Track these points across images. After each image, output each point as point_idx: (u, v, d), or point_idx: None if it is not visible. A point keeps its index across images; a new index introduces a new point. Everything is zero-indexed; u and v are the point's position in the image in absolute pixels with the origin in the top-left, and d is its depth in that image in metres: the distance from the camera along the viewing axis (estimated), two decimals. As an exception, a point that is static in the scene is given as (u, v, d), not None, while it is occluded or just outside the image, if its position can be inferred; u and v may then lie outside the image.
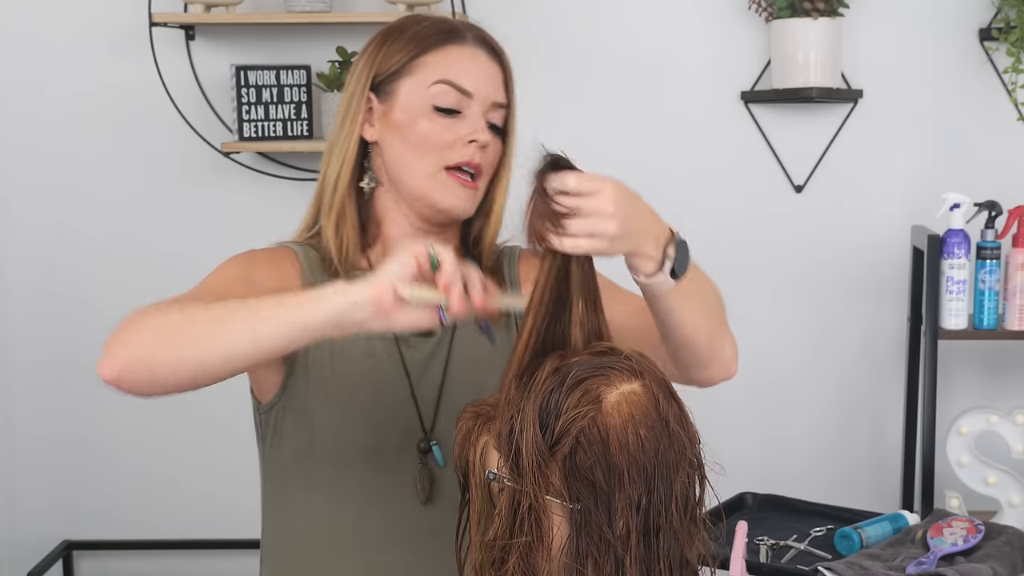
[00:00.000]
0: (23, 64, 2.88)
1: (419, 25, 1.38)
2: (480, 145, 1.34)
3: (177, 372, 1.16)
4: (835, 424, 2.94)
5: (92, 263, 2.93)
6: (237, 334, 1.14)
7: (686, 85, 2.85)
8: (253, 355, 1.14)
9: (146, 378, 1.16)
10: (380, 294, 1.10)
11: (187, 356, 1.15)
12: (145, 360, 1.16)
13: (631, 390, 1.04)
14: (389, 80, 1.37)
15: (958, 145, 2.82)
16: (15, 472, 3.01)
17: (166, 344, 1.16)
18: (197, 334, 1.15)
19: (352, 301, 1.11)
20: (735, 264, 2.90)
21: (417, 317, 1.12)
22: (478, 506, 1.08)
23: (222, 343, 1.14)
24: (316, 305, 1.12)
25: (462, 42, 1.37)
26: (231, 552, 3.01)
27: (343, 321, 1.12)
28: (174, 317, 1.17)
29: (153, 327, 1.17)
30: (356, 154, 1.39)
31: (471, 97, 1.35)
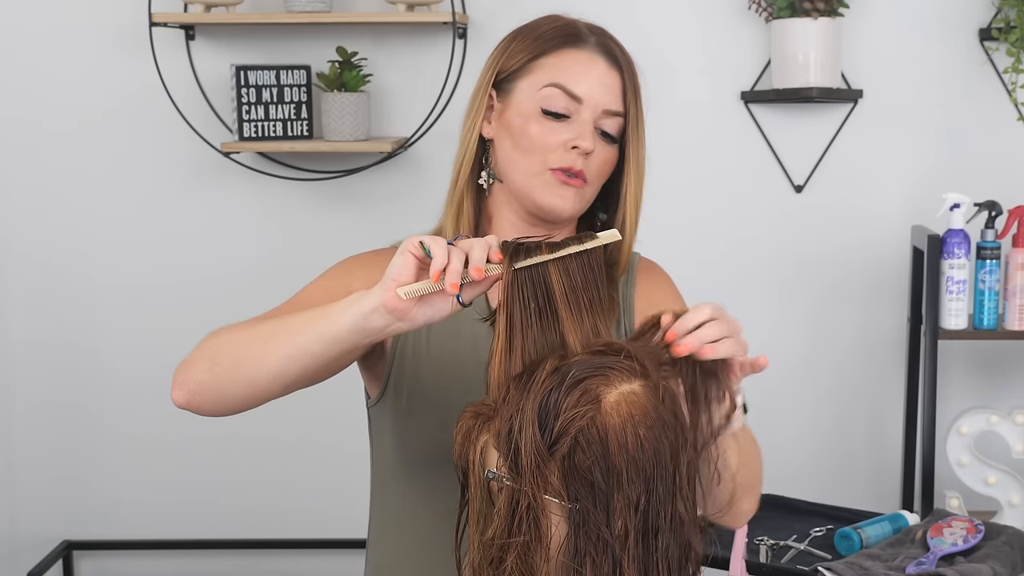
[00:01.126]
0: (23, 64, 2.88)
1: (547, 26, 1.39)
2: (582, 152, 1.33)
3: (237, 393, 1.21)
4: (835, 424, 2.94)
5: (92, 263, 2.93)
6: (278, 350, 1.18)
7: (686, 85, 2.85)
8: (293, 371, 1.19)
9: (214, 400, 1.23)
10: (387, 299, 1.11)
11: (242, 377, 1.20)
12: (209, 385, 1.22)
13: (631, 390, 1.04)
14: (509, 79, 1.38)
15: (958, 145, 2.82)
16: (15, 472, 3.01)
17: (224, 368, 1.21)
18: (248, 354, 1.20)
19: (367, 310, 1.12)
20: (735, 264, 2.90)
21: (436, 309, 1.13)
22: (477, 505, 1.08)
23: (267, 362, 1.18)
24: (338, 316, 1.15)
25: (581, 47, 1.37)
26: (231, 552, 3.01)
27: (365, 329, 1.14)
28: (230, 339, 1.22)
29: (214, 351, 1.23)
30: (476, 150, 1.40)
31: (581, 103, 1.34)
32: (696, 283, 2.85)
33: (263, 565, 3.03)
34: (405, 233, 1.26)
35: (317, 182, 2.90)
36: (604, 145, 1.36)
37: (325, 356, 1.17)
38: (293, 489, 2.99)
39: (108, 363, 2.96)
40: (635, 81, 1.40)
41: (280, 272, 2.83)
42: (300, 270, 1.50)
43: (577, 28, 1.39)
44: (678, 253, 2.87)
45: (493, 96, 1.39)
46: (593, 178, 1.36)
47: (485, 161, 1.41)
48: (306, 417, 2.93)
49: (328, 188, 2.90)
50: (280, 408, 3.01)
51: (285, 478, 2.98)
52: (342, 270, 1.40)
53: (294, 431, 2.98)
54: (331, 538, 2.96)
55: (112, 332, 2.96)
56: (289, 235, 2.91)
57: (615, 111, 1.37)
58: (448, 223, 1.42)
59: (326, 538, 2.97)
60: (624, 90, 1.38)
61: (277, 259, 2.89)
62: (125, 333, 2.95)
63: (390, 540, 1.45)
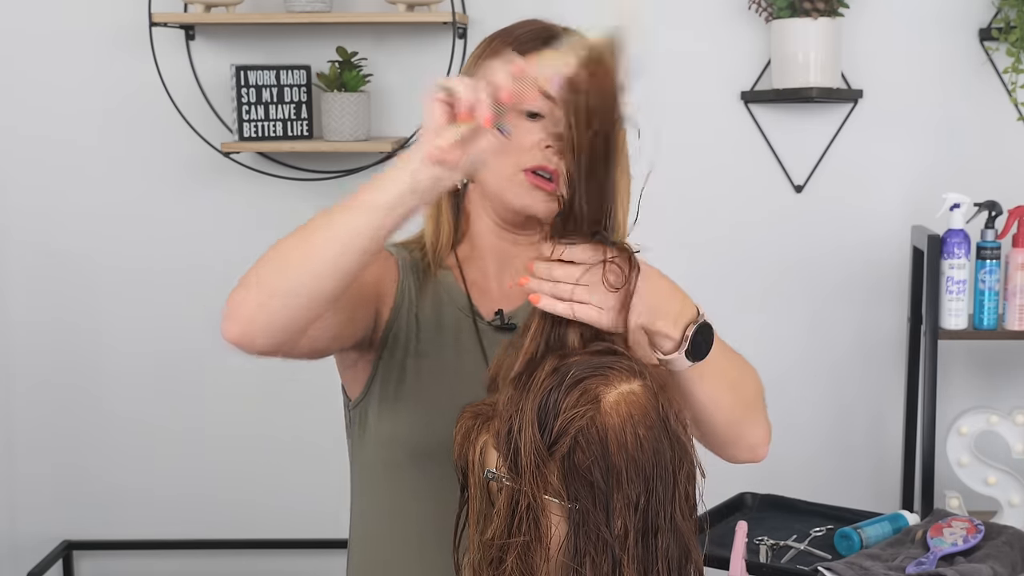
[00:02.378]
0: (23, 64, 2.88)
1: (523, 29, 1.39)
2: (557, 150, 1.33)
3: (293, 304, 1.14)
4: (835, 424, 2.94)
5: (92, 263, 2.93)
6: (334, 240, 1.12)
7: (686, 85, 2.84)
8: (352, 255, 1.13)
9: (266, 325, 1.15)
10: (430, 151, 1.08)
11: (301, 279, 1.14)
12: (262, 307, 1.15)
13: (630, 390, 1.04)
14: None
15: (958, 145, 2.82)
16: (15, 472, 3.01)
17: (273, 283, 1.15)
18: (300, 255, 1.14)
19: (414, 167, 1.09)
20: (735, 264, 2.90)
21: (478, 147, 1.10)
22: (477, 505, 1.08)
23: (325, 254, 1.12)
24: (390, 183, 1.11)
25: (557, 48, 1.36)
26: (232, 552, 3.01)
27: (416, 188, 1.10)
28: (269, 257, 1.17)
29: (255, 275, 1.16)
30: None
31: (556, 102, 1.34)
32: (696, 283, 2.86)
33: (264, 565, 3.03)
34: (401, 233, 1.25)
35: (317, 182, 2.90)
36: None
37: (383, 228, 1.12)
38: (294, 489, 2.99)
39: (109, 362, 2.96)
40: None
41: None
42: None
43: (553, 31, 1.40)
44: (677, 252, 2.88)
45: None
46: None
47: None
48: (309, 418, 2.93)
49: (328, 188, 2.90)
50: (283, 408, 3.02)
51: (286, 478, 2.98)
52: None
53: (296, 431, 2.98)
54: (333, 538, 2.96)
55: (115, 333, 2.96)
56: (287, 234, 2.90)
57: None
58: (428, 226, 1.43)
59: (328, 538, 2.97)
60: None
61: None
62: (126, 334, 2.95)
63: (374, 540, 1.44)
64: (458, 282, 1.42)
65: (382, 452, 1.41)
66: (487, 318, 1.40)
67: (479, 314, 1.40)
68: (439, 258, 1.41)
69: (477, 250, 1.43)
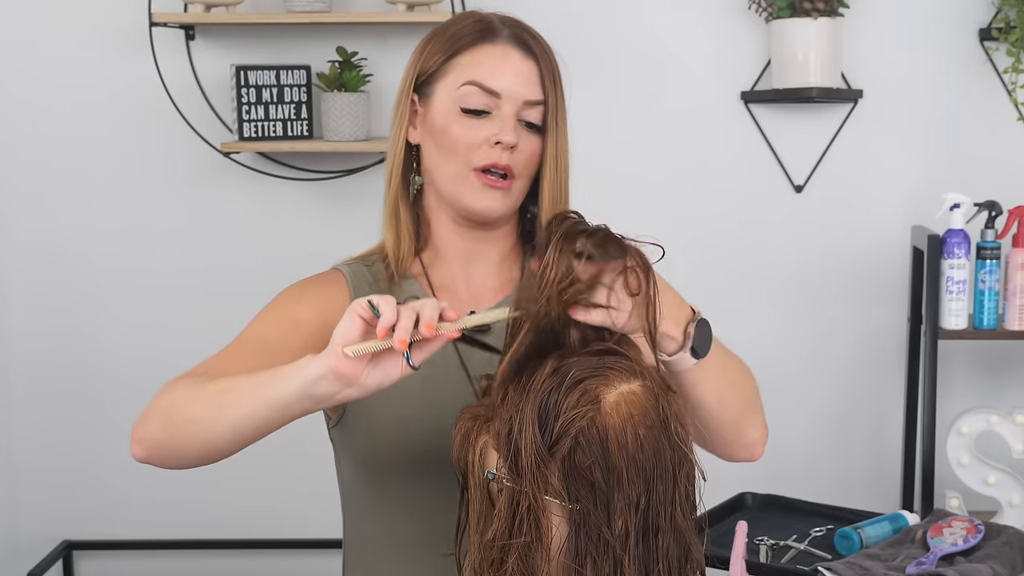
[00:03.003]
0: (23, 64, 2.88)
1: (460, 24, 1.37)
2: (506, 146, 1.31)
3: (192, 452, 1.20)
4: (835, 424, 2.94)
5: (92, 263, 2.93)
6: (229, 414, 1.16)
7: (686, 85, 2.85)
8: (246, 433, 1.17)
9: (172, 457, 1.22)
10: (334, 364, 1.08)
11: (196, 438, 1.19)
12: (165, 443, 1.21)
13: (630, 390, 1.04)
14: (428, 82, 1.36)
15: (958, 145, 2.82)
16: (15, 472, 3.01)
17: (178, 427, 1.20)
18: (200, 416, 1.18)
19: (314, 377, 1.10)
20: (735, 264, 2.90)
21: (385, 373, 1.11)
22: (477, 506, 1.08)
23: (220, 425, 1.17)
24: (285, 383, 1.12)
25: (494, 41, 1.35)
26: (232, 552, 3.01)
27: (313, 395, 1.11)
28: (183, 398, 1.20)
29: (167, 410, 1.21)
30: (403, 156, 1.38)
31: (500, 97, 1.32)
32: (696, 283, 2.86)
33: (263, 565, 3.03)
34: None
35: (317, 182, 2.90)
36: (529, 135, 1.34)
37: (277, 421, 1.15)
38: (294, 490, 2.99)
39: (108, 363, 2.96)
40: (552, 68, 1.36)
41: (280, 272, 2.82)
42: (300, 270, 1.49)
43: (490, 22, 1.37)
44: (677, 252, 2.87)
45: (416, 101, 1.37)
46: (521, 171, 1.34)
47: (416, 167, 1.39)
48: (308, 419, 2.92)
49: (328, 188, 2.90)
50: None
51: (286, 479, 2.98)
52: (287, 299, 1.37)
53: (296, 432, 2.97)
54: (333, 538, 2.96)
55: (115, 333, 2.95)
56: (289, 235, 2.90)
57: (535, 100, 1.34)
58: (387, 232, 1.40)
59: (327, 538, 2.97)
60: (541, 77, 1.35)
61: (277, 259, 2.89)
62: (127, 334, 2.95)
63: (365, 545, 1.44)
64: (425, 289, 1.39)
65: (364, 464, 1.40)
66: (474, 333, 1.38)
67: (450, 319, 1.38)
68: (403, 267, 1.39)
69: (441, 253, 1.40)
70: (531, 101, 1.34)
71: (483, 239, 1.39)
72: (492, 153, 1.32)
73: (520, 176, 1.34)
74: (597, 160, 2.82)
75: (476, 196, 1.33)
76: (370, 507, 1.42)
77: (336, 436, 1.44)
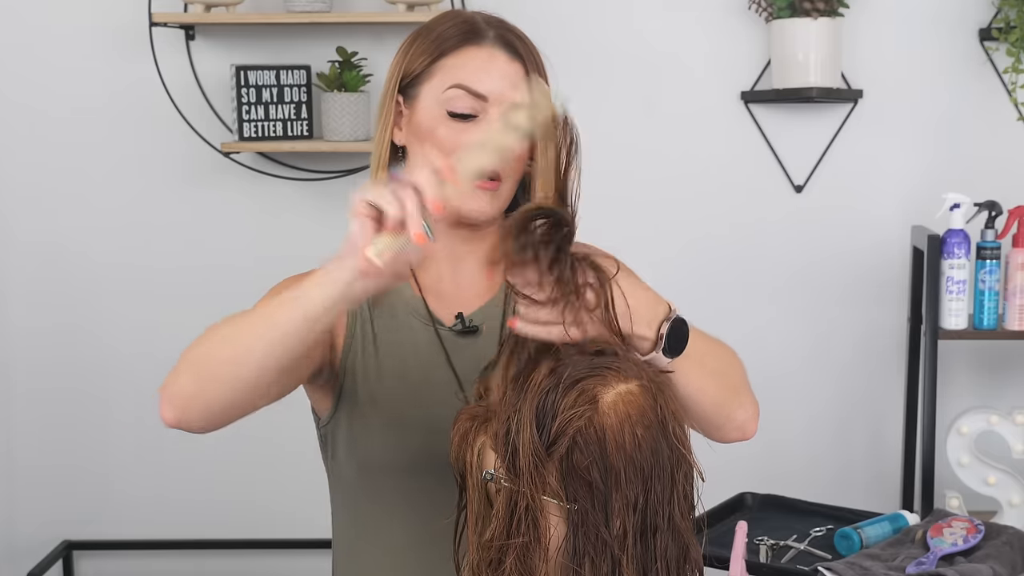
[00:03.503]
0: (23, 64, 2.88)
1: (445, 25, 1.36)
2: None
3: (226, 397, 1.17)
4: (835, 424, 2.94)
5: (91, 263, 2.93)
6: (261, 339, 1.14)
7: (686, 85, 2.85)
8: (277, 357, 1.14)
9: (203, 412, 1.18)
10: (363, 267, 1.07)
11: (228, 376, 1.16)
12: (197, 395, 1.17)
13: (627, 390, 1.04)
14: (413, 84, 1.35)
15: (958, 145, 2.82)
16: (15, 472, 3.01)
17: (208, 370, 1.17)
18: (230, 350, 1.16)
19: (348, 278, 1.09)
20: (735, 264, 2.90)
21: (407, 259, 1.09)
22: (475, 507, 1.08)
23: (251, 354, 1.14)
24: (318, 292, 1.11)
25: (480, 43, 1.33)
26: (231, 552, 3.01)
27: (347, 297, 1.10)
28: (210, 341, 1.19)
29: (193, 361, 1.19)
30: (388, 158, 1.37)
31: (486, 100, 1.31)
32: (694, 282, 2.87)
33: (263, 565, 3.03)
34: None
35: (317, 182, 2.90)
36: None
37: (310, 333, 1.13)
38: (294, 490, 2.98)
39: (108, 363, 2.96)
40: (539, 70, 1.36)
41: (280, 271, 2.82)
42: (299, 270, 1.49)
43: (474, 24, 1.35)
44: (677, 252, 2.88)
45: (400, 102, 1.37)
46: (509, 173, 1.34)
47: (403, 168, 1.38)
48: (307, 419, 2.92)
49: (328, 188, 2.90)
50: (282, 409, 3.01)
51: (285, 479, 2.98)
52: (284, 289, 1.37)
53: (295, 432, 2.97)
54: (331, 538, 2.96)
55: (115, 330, 2.96)
56: (289, 235, 2.90)
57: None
58: None
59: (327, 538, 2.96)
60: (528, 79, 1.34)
61: (277, 258, 2.88)
62: (127, 331, 2.95)
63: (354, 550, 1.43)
64: (414, 290, 1.38)
65: (356, 468, 1.40)
66: (447, 323, 1.37)
67: (439, 321, 1.37)
68: None
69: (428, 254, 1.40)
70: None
71: (471, 239, 1.38)
72: None
73: (508, 178, 1.34)
74: (596, 161, 2.78)
75: (466, 199, 1.32)
76: (359, 512, 1.42)
77: (325, 435, 1.43)
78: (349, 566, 1.46)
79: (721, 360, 1.31)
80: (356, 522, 1.43)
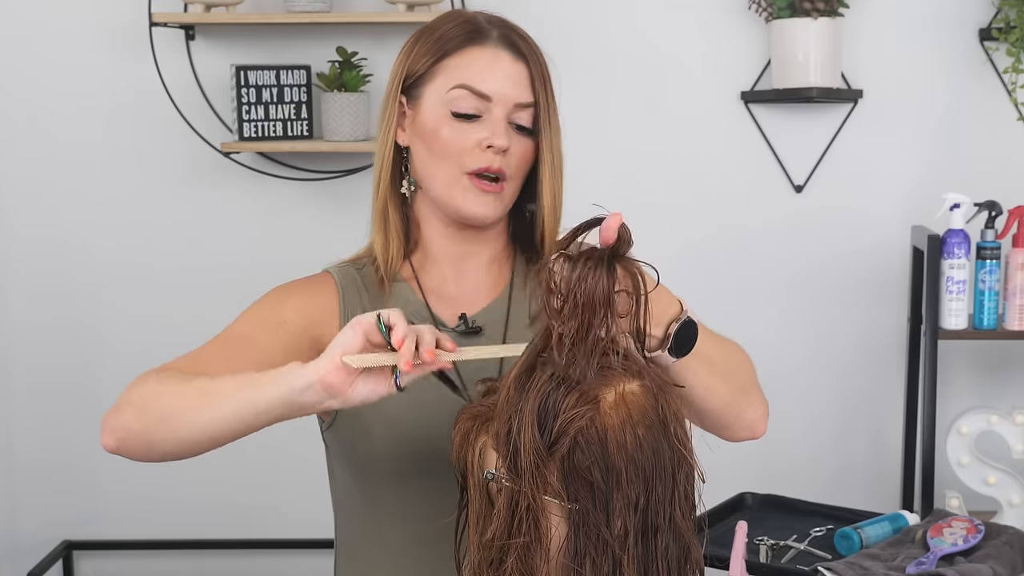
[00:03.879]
0: (23, 64, 2.88)
1: (448, 25, 1.36)
2: (498, 149, 1.31)
3: (166, 446, 1.21)
4: (835, 424, 2.94)
5: (91, 263, 2.93)
6: (206, 413, 1.17)
7: (686, 85, 2.85)
8: (221, 433, 1.17)
9: (143, 449, 1.22)
10: (327, 375, 1.10)
11: (170, 433, 1.19)
12: (138, 433, 1.21)
13: (629, 390, 1.04)
14: (416, 84, 1.35)
15: (958, 145, 2.82)
16: (15, 472, 3.01)
17: (152, 419, 1.20)
18: (176, 412, 1.19)
19: (303, 384, 1.11)
20: (735, 264, 2.90)
21: (371, 388, 1.12)
22: (476, 506, 1.08)
23: (196, 423, 1.17)
24: (270, 386, 1.13)
25: (484, 43, 1.33)
26: (232, 552, 3.01)
27: (295, 402, 1.12)
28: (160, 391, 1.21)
29: (142, 402, 1.21)
30: (392, 159, 1.37)
31: (490, 100, 1.32)
32: (695, 282, 2.87)
33: (263, 565, 3.03)
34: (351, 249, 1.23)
35: (317, 182, 2.90)
36: (520, 138, 1.33)
37: (253, 424, 1.16)
38: (294, 489, 2.99)
39: (108, 363, 2.96)
40: (542, 70, 1.36)
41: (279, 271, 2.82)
42: (299, 270, 1.49)
43: (478, 24, 1.35)
44: (678, 252, 2.88)
45: (403, 103, 1.37)
46: (513, 174, 1.34)
47: (405, 169, 1.38)
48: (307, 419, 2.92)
49: (328, 188, 2.90)
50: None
51: (285, 479, 2.98)
52: (274, 299, 1.37)
53: (294, 432, 2.97)
54: (332, 538, 2.96)
55: (115, 327, 2.96)
56: (289, 235, 2.90)
57: (526, 103, 1.33)
58: (376, 235, 1.39)
59: (327, 538, 2.96)
60: (532, 80, 1.34)
61: (277, 259, 2.89)
62: (127, 328, 2.95)
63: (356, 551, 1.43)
64: (416, 293, 1.39)
65: (355, 470, 1.40)
66: (450, 325, 1.37)
67: (442, 322, 1.37)
68: (392, 271, 1.38)
69: (431, 257, 1.40)
70: (522, 104, 1.33)
71: (474, 240, 1.38)
72: (484, 157, 1.31)
73: (512, 178, 1.34)
74: (596, 162, 2.81)
75: (470, 201, 1.32)
76: (361, 511, 1.42)
77: (328, 439, 1.44)
78: (350, 567, 1.46)
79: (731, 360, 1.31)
80: (357, 523, 1.43)
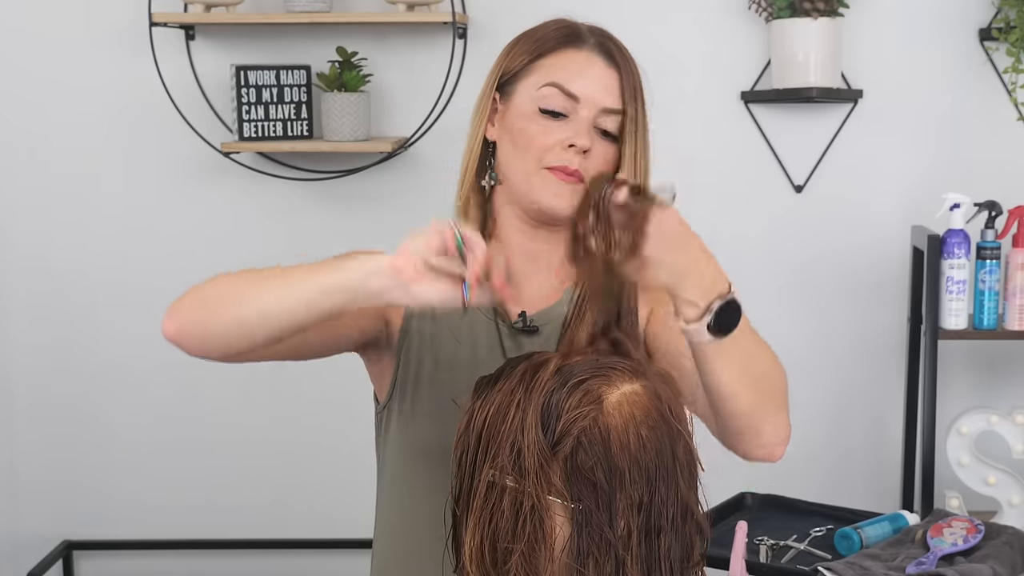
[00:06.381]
0: (23, 65, 2.88)
1: (548, 28, 1.40)
2: (579, 150, 1.33)
3: (224, 332, 1.22)
4: (835, 424, 2.94)
5: (92, 263, 2.93)
6: (269, 292, 1.20)
7: (686, 85, 2.85)
8: (282, 314, 1.19)
9: (200, 336, 1.23)
10: (401, 263, 1.12)
11: (231, 315, 1.21)
12: (198, 320, 1.23)
13: (632, 390, 1.04)
14: (511, 81, 1.39)
15: (958, 145, 2.82)
16: (15, 472, 3.01)
17: (214, 305, 1.23)
18: (239, 294, 1.22)
19: (373, 268, 1.13)
20: (734, 264, 2.87)
21: (440, 290, 1.13)
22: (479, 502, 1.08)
23: (257, 302, 1.20)
24: (338, 269, 1.16)
25: (580, 46, 1.37)
26: (232, 552, 3.01)
27: (361, 287, 1.14)
28: (225, 280, 1.26)
29: (206, 291, 1.25)
30: (480, 152, 1.41)
31: (578, 101, 1.34)
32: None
33: (264, 565, 3.03)
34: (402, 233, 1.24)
35: (317, 182, 2.90)
36: (603, 143, 1.36)
37: (315, 307, 1.17)
38: (295, 489, 2.99)
39: (109, 363, 2.96)
40: (634, 81, 1.40)
41: (280, 272, 2.83)
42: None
43: (577, 29, 1.40)
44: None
45: (497, 99, 1.40)
46: (591, 170, 1.35)
47: (489, 164, 1.41)
48: (309, 416, 2.93)
49: (328, 188, 2.90)
50: (283, 407, 3.02)
51: (286, 478, 2.98)
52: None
53: (296, 430, 2.98)
54: (333, 538, 2.96)
55: (112, 331, 2.95)
56: (289, 235, 2.90)
57: (614, 109, 1.37)
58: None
59: (328, 538, 2.97)
60: (622, 88, 1.38)
61: (277, 259, 2.87)
62: (125, 332, 2.95)
63: (395, 542, 1.45)
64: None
65: (402, 454, 1.42)
66: (511, 319, 1.39)
67: (502, 316, 1.39)
68: None
69: (504, 250, 1.41)
70: (609, 109, 1.36)
71: (547, 239, 1.40)
72: (564, 155, 1.33)
73: (589, 175, 1.35)
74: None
75: (548, 192, 1.34)
76: (401, 501, 1.43)
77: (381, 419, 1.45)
78: (388, 551, 1.46)
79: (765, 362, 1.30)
80: (398, 505, 1.44)
